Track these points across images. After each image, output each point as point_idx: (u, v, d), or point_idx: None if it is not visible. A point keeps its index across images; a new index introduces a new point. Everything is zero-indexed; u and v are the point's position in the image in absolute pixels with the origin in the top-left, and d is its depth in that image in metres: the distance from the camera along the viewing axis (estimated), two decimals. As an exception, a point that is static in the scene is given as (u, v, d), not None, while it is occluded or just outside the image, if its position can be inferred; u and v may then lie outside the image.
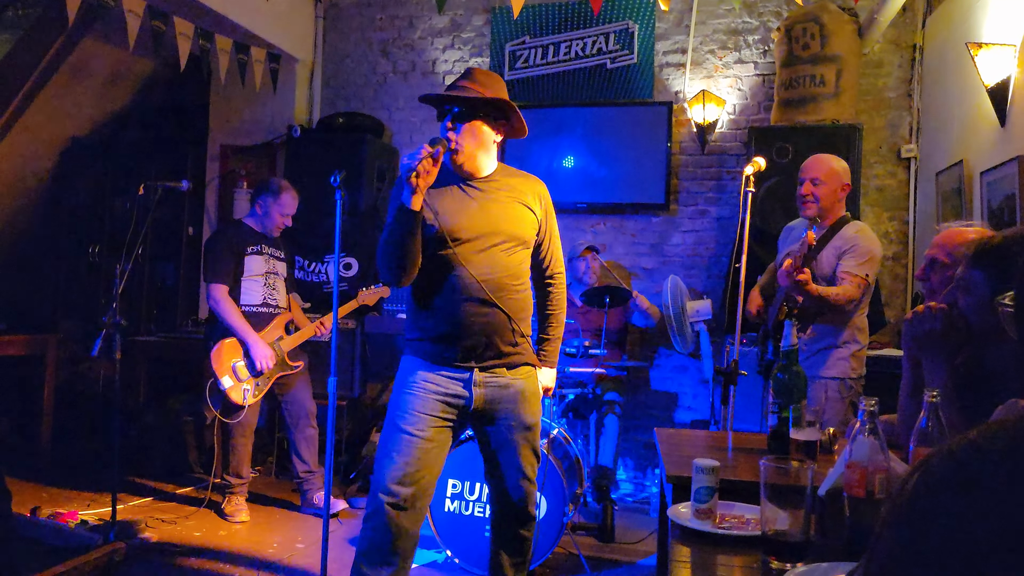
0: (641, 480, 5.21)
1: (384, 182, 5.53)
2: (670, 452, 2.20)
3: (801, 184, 3.34)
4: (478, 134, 2.53)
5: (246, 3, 4.90)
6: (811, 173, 3.31)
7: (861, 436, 1.39)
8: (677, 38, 5.28)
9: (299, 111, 5.87)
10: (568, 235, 5.39)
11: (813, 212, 3.31)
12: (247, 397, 4.03)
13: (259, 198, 4.25)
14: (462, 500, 3.50)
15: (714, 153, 5.20)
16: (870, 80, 4.95)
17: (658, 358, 5.25)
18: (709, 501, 1.61)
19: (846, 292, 3.14)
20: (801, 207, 3.36)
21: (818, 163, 3.33)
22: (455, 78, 2.61)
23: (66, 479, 4.70)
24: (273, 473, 5.11)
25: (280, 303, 4.29)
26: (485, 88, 2.54)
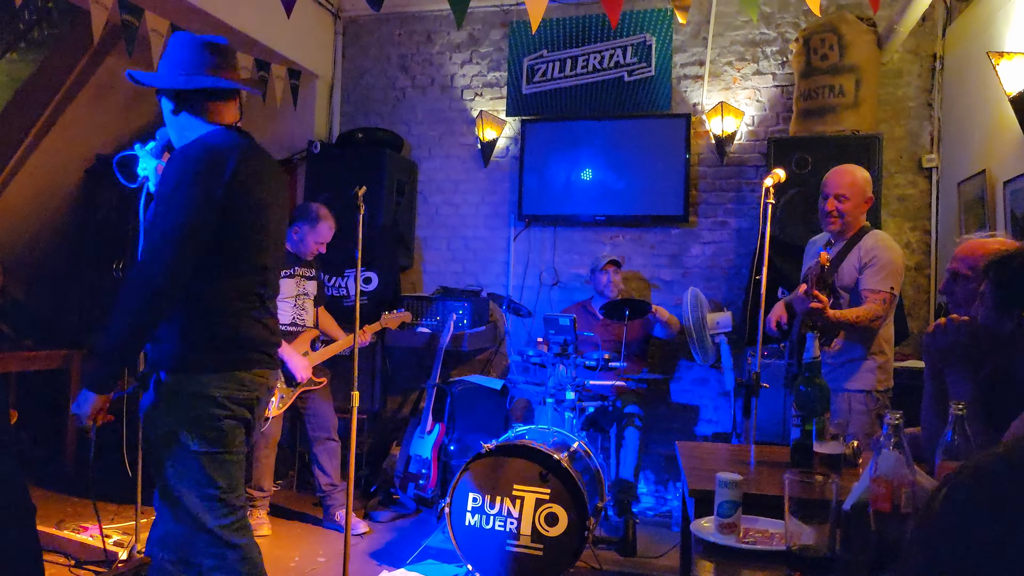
0: (663, 493, 5.18)
1: (403, 196, 5.57)
2: (692, 465, 2.19)
3: (825, 200, 3.29)
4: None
5: (267, 21, 4.96)
6: (835, 188, 3.26)
7: (886, 449, 1.38)
8: (695, 50, 5.29)
9: (319, 126, 5.92)
10: (587, 248, 5.42)
11: (838, 227, 3.28)
12: (271, 409, 4.06)
13: (296, 223, 4.27)
14: (483, 514, 3.49)
15: (733, 164, 5.19)
16: (890, 90, 4.93)
17: (679, 371, 5.23)
18: (733, 515, 1.60)
19: (869, 311, 3.09)
20: (826, 223, 3.31)
21: (841, 177, 3.29)
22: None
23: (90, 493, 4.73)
24: (294, 486, 5.12)
25: (307, 322, 4.33)
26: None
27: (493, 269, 5.67)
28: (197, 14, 4.50)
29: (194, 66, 2.29)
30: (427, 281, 5.80)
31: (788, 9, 5.11)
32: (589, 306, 4.97)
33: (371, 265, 5.32)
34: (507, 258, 5.62)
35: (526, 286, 5.57)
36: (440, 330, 4.96)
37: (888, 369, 3.25)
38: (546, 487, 3.41)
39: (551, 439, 3.66)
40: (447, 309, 5.11)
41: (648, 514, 4.98)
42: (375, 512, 4.57)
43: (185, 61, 2.30)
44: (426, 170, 5.84)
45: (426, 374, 4.92)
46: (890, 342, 3.28)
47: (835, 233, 3.31)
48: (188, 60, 2.30)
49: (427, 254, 5.82)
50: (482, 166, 5.69)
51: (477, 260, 5.71)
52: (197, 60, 2.29)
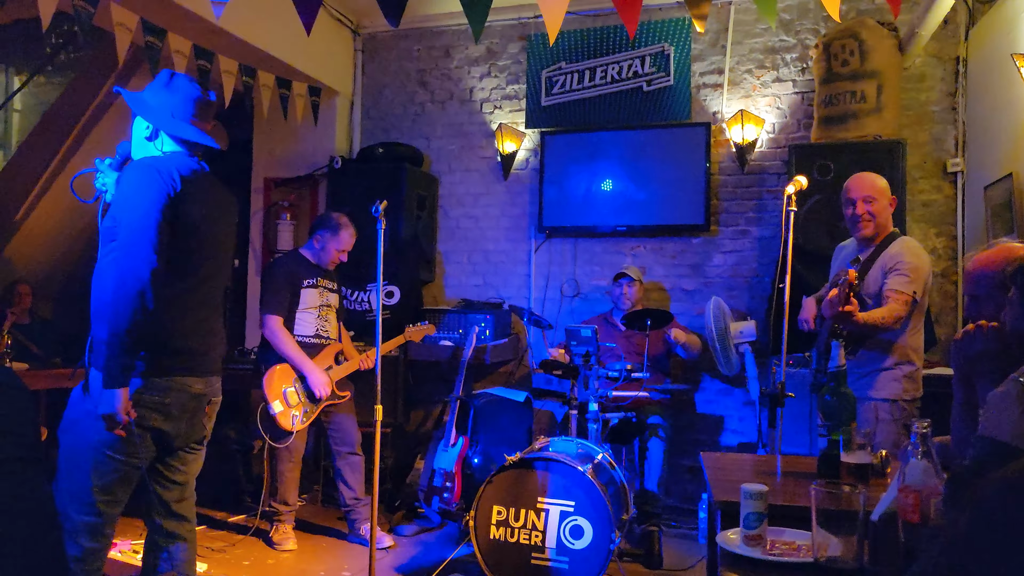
0: (689, 505, 5.13)
1: (424, 210, 5.59)
2: (717, 477, 2.16)
3: (852, 204, 3.26)
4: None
5: (287, 39, 5.02)
6: (862, 192, 3.24)
7: (914, 459, 1.36)
8: (713, 59, 5.27)
9: (340, 142, 5.97)
10: (608, 259, 5.40)
11: (871, 230, 3.25)
12: (296, 423, 4.08)
13: (318, 232, 4.31)
14: (507, 527, 3.48)
15: (754, 172, 5.16)
16: (912, 94, 4.88)
17: (702, 381, 5.19)
18: (759, 527, 1.58)
19: (892, 312, 3.06)
20: (856, 228, 3.28)
21: (864, 181, 3.28)
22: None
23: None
24: (319, 501, 5.14)
25: (331, 334, 4.35)
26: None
27: (514, 281, 5.67)
28: (219, 34, 4.56)
29: (183, 113, 2.50)
30: (449, 294, 5.81)
31: (807, 16, 5.09)
32: (610, 317, 4.96)
33: (393, 279, 5.34)
34: (528, 270, 5.62)
35: (547, 298, 5.56)
36: (462, 343, 4.97)
37: (917, 378, 3.20)
38: (571, 500, 3.39)
39: (575, 451, 3.64)
40: (469, 322, 5.12)
41: (673, 526, 4.94)
42: (400, 526, 4.57)
43: (176, 105, 2.50)
44: (446, 184, 5.87)
45: (449, 387, 4.93)
46: (919, 351, 3.23)
47: (866, 238, 3.27)
48: (180, 105, 2.50)
49: (448, 267, 5.84)
50: (502, 179, 5.70)
51: (498, 273, 5.72)
52: (189, 109, 2.51)
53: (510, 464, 3.47)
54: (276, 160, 6.05)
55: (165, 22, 4.37)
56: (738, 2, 5.18)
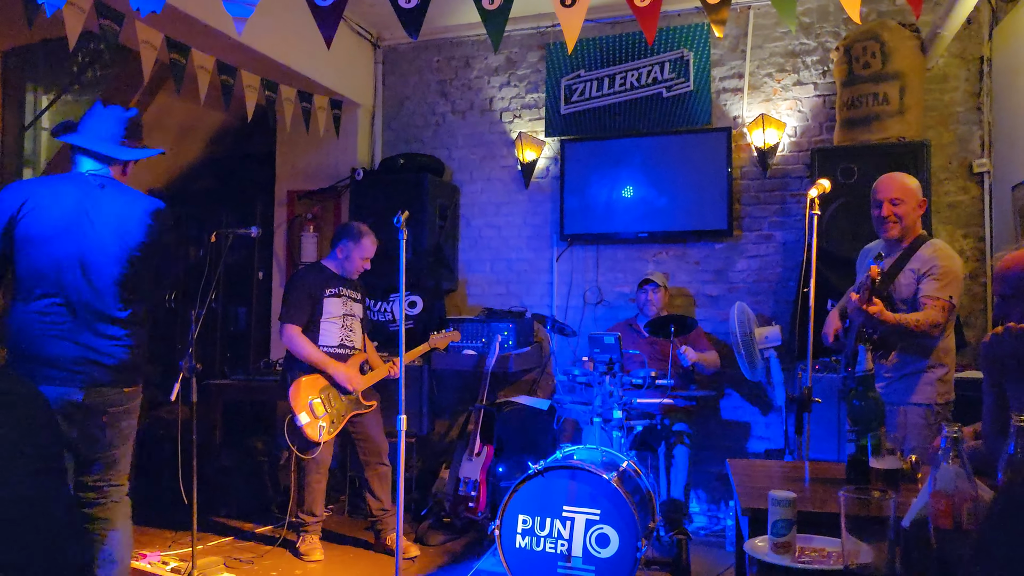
0: (715, 512, 5.09)
1: (446, 220, 5.62)
2: (744, 484, 2.15)
3: (879, 206, 3.22)
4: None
5: (308, 53, 5.07)
6: (889, 193, 3.20)
7: (946, 463, 1.35)
8: (733, 63, 5.26)
9: (362, 154, 6.01)
10: (630, 265, 5.39)
11: (897, 232, 3.20)
12: (322, 434, 4.10)
13: (340, 242, 4.34)
14: (533, 536, 3.47)
15: (776, 176, 5.13)
16: (936, 95, 4.83)
17: (728, 387, 5.15)
18: (787, 534, 1.57)
19: (929, 317, 3.00)
20: (882, 229, 3.24)
21: (893, 182, 3.23)
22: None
23: (149, 520, 4.82)
24: (346, 511, 5.15)
25: (356, 344, 4.37)
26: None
27: (537, 290, 5.68)
28: (242, 50, 4.61)
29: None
30: (471, 303, 5.82)
31: (828, 19, 5.06)
32: (634, 324, 4.94)
33: (415, 289, 5.36)
34: (550, 278, 5.62)
35: (570, 306, 5.56)
36: (486, 352, 4.98)
37: (948, 381, 3.14)
38: (596, 508, 3.38)
39: (600, 459, 3.63)
40: (492, 331, 5.12)
41: (701, 534, 4.90)
42: (426, 536, 4.57)
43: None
44: (467, 193, 5.89)
45: (473, 396, 4.93)
46: (950, 354, 3.18)
47: (893, 240, 3.23)
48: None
49: (471, 277, 5.85)
50: (523, 187, 5.71)
51: (521, 281, 5.72)
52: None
53: (535, 473, 3.47)
54: (299, 173, 6.10)
55: (189, 39, 4.43)
56: (757, 6, 5.17)
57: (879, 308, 2.86)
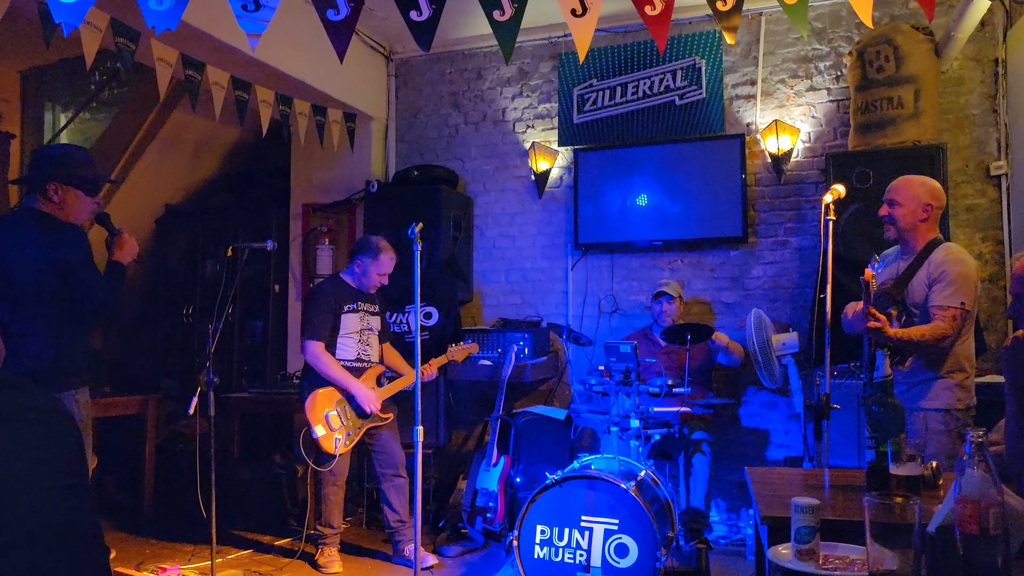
0: (735, 521, 5.05)
1: (460, 230, 5.63)
2: (763, 492, 2.13)
3: (880, 206, 3.27)
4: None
5: (322, 68, 5.11)
6: (889, 195, 3.22)
7: (970, 469, 1.33)
8: (746, 70, 5.25)
9: (376, 166, 6.04)
10: (646, 274, 5.38)
11: (892, 235, 3.22)
12: (339, 446, 4.11)
13: (358, 256, 4.35)
14: (551, 546, 3.46)
15: (791, 182, 5.11)
16: (951, 98, 4.80)
17: (746, 394, 5.12)
18: (811, 541, 1.56)
19: (936, 330, 2.96)
20: (885, 230, 3.28)
21: (897, 184, 3.23)
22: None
23: (168, 533, 4.85)
24: (364, 523, 5.16)
25: (372, 358, 4.38)
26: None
27: (552, 299, 5.67)
28: (256, 66, 4.65)
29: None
30: (487, 314, 5.82)
31: (840, 23, 5.05)
32: (650, 333, 4.93)
33: (431, 300, 5.37)
34: (565, 287, 5.62)
35: (585, 315, 5.55)
36: (502, 362, 4.97)
37: (969, 387, 3.10)
38: (615, 518, 3.37)
39: (618, 468, 3.61)
40: (508, 341, 5.12)
41: (721, 543, 4.86)
42: (444, 547, 4.56)
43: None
44: (482, 204, 5.90)
45: (489, 407, 4.93)
46: (970, 359, 3.13)
47: (891, 240, 3.24)
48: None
49: (486, 287, 5.86)
50: (537, 197, 5.72)
51: (536, 291, 5.72)
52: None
53: (552, 483, 3.46)
54: (314, 186, 6.14)
55: (204, 56, 4.48)
56: (769, 13, 5.16)
57: (880, 324, 2.81)
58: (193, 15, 3.98)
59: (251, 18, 2.52)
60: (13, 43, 5.55)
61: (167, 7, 2.50)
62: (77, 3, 2.47)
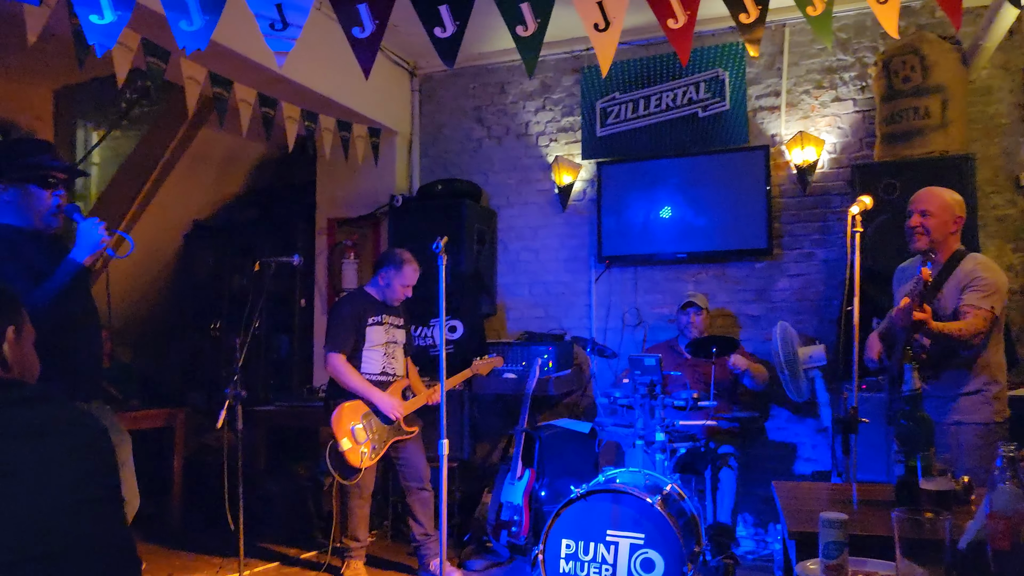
0: (763, 536, 5.00)
1: (484, 244, 5.65)
2: (791, 507, 2.11)
3: (910, 216, 3.23)
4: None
5: (347, 84, 5.16)
6: (920, 205, 3.21)
7: (1002, 484, 1.31)
8: (769, 81, 5.23)
9: (400, 181, 6.09)
10: (669, 286, 5.36)
11: (924, 244, 3.20)
12: (364, 460, 4.12)
13: (382, 269, 4.37)
14: (576, 561, 3.44)
15: (816, 194, 5.07)
16: (980, 108, 4.75)
17: (773, 408, 5.08)
18: (839, 557, 1.54)
19: (971, 326, 2.97)
20: (911, 240, 3.25)
21: (928, 195, 3.23)
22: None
23: (196, 545, 4.89)
24: (389, 536, 5.16)
25: (398, 371, 4.39)
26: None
27: (576, 312, 5.67)
28: (282, 83, 4.72)
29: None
30: (511, 327, 5.83)
31: (865, 34, 5.02)
32: (675, 345, 4.90)
33: (455, 314, 5.39)
34: (589, 301, 5.61)
35: (609, 327, 5.54)
36: (526, 375, 4.97)
37: (1003, 399, 3.07)
38: (640, 532, 3.35)
39: (643, 482, 3.59)
40: (532, 354, 5.12)
41: (748, 558, 4.81)
42: (469, 561, 4.56)
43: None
44: (505, 217, 5.92)
45: (514, 420, 4.92)
46: (1002, 370, 3.11)
47: (921, 251, 3.22)
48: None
49: (510, 300, 5.86)
50: (560, 210, 5.73)
51: (559, 304, 5.72)
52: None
53: (577, 497, 3.45)
54: (339, 201, 6.19)
55: (231, 73, 4.55)
56: (793, 24, 5.14)
57: (927, 315, 2.83)
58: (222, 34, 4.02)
59: (278, 36, 2.56)
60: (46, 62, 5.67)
61: (197, 27, 2.55)
62: (110, 25, 2.52)
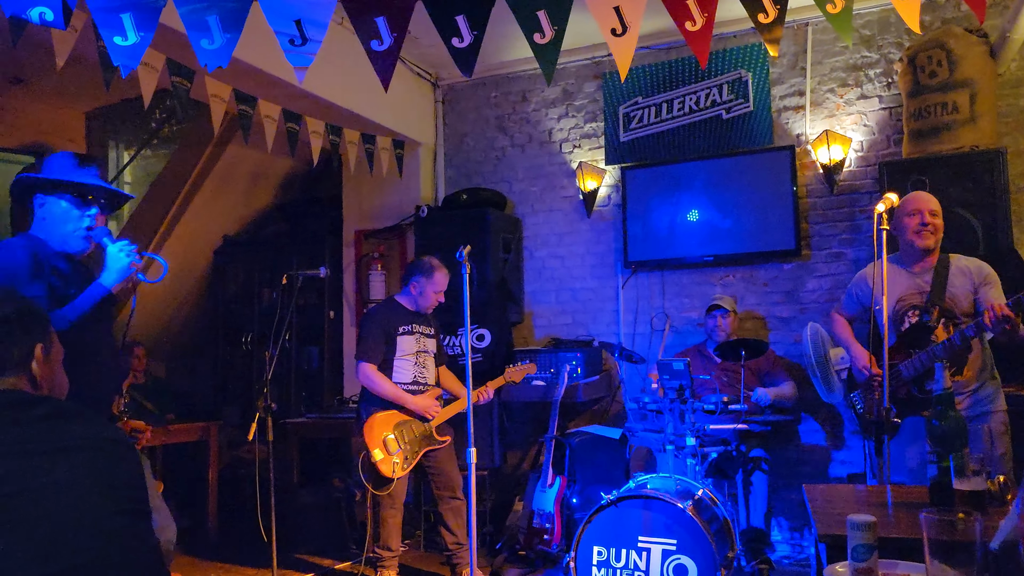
0: (798, 540, 4.93)
1: (510, 252, 5.66)
2: (821, 509, 2.08)
3: (917, 215, 3.34)
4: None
5: (370, 97, 5.21)
6: (929, 205, 3.35)
7: (1033, 483, 1.28)
8: (793, 81, 5.19)
9: (425, 191, 6.12)
10: (697, 290, 5.33)
11: (933, 243, 3.32)
12: (396, 470, 4.13)
13: (412, 278, 4.40)
14: (609, 567, 3.42)
15: (844, 193, 5.01)
16: (1010, 100, 4.67)
17: (805, 410, 5.01)
18: (868, 559, 1.51)
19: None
20: (920, 237, 3.33)
21: (928, 198, 3.40)
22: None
23: (231, 557, 4.95)
24: (422, 546, 5.17)
25: (429, 380, 4.40)
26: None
27: (603, 318, 5.65)
28: (306, 98, 4.77)
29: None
30: (538, 334, 5.83)
31: (889, 29, 4.96)
32: (704, 349, 4.87)
33: (483, 322, 5.40)
34: (616, 306, 5.59)
35: (637, 333, 5.51)
36: (555, 382, 4.96)
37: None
38: (672, 538, 3.32)
39: (674, 487, 3.57)
40: (560, 361, 5.11)
41: (784, 563, 4.75)
42: (502, 569, 4.55)
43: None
44: (530, 225, 5.93)
45: (543, 427, 4.92)
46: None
47: (930, 248, 3.33)
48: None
49: (536, 308, 5.86)
50: (585, 216, 5.72)
51: (587, 310, 5.71)
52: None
53: (608, 503, 3.43)
54: (365, 213, 6.24)
55: (255, 90, 4.61)
56: (815, 22, 5.10)
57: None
58: (244, 51, 4.09)
59: (298, 52, 2.59)
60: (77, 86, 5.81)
61: (219, 45, 2.59)
62: (134, 45, 2.57)
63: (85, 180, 2.65)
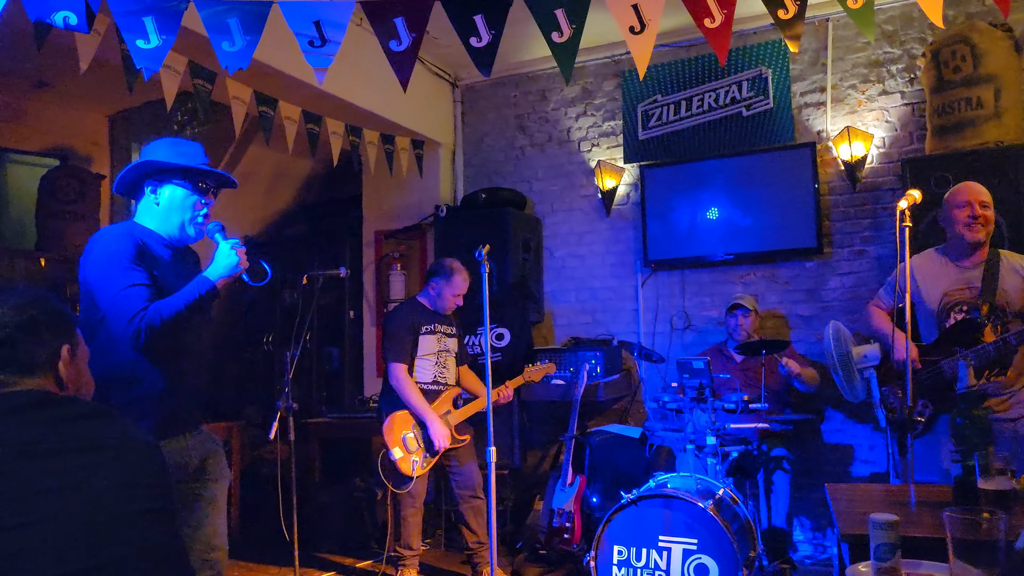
0: (821, 540, 4.89)
1: (529, 252, 5.66)
2: (844, 508, 2.07)
3: (968, 207, 3.20)
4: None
5: (389, 98, 5.23)
6: (980, 196, 3.20)
7: (1058, 482, 1.27)
8: (814, 77, 5.15)
9: (444, 191, 6.14)
10: (717, 289, 5.30)
11: (984, 235, 3.18)
12: (416, 468, 4.14)
13: (432, 280, 4.41)
14: (629, 567, 3.42)
15: (866, 190, 4.97)
16: (1035, 95, 4.60)
17: (827, 410, 4.97)
18: (891, 559, 1.50)
19: None
20: (969, 231, 3.20)
21: (980, 188, 3.22)
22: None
23: (254, 556, 4.98)
24: (442, 545, 5.19)
25: (449, 380, 4.41)
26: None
27: (623, 317, 5.64)
28: (326, 99, 4.80)
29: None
30: (558, 334, 5.82)
31: (912, 25, 4.91)
32: (724, 348, 4.84)
33: (503, 322, 5.40)
34: (636, 305, 5.58)
35: (657, 332, 5.50)
36: (574, 381, 4.95)
37: None
38: (693, 537, 3.31)
39: (695, 487, 3.55)
40: (580, 360, 5.10)
41: (807, 563, 4.72)
42: (522, 568, 4.55)
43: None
44: (549, 225, 5.92)
45: (563, 426, 4.91)
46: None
47: (981, 242, 3.19)
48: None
49: (556, 307, 5.86)
50: (604, 215, 5.71)
51: (606, 309, 5.70)
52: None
53: (628, 502, 3.42)
54: (385, 213, 6.27)
55: (275, 92, 4.65)
56: (836, 18, 5.05)
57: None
58: (264, 53, 4.12)
59: (317, 53, 2.61)
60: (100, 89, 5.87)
61: (239, 47, 2.61)
62: (156, 48, 2.60)
63: (199, 166, 2.49)
